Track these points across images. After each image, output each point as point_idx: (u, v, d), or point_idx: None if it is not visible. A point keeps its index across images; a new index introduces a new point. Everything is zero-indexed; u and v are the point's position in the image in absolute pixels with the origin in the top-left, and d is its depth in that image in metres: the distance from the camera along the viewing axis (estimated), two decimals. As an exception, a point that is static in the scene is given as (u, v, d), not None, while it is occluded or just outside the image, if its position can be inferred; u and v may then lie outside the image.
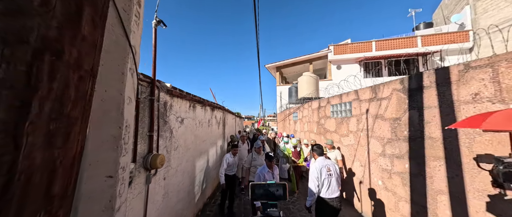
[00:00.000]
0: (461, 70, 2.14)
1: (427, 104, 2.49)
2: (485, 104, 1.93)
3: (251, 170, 3.53)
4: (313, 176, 2.45)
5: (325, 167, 2.48)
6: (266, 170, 2.75)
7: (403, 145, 2.82)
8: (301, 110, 7.86)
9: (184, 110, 2.91)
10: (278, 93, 14.89)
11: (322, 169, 2.46)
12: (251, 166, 3.53)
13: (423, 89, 2.54)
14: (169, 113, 2.41)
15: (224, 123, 6.12)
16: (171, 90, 2.40)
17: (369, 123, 3.53)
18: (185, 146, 2.91)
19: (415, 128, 2.63)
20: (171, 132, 2.46)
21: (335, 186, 2.46)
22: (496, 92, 1.87)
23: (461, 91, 2.13)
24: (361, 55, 12.60)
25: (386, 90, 3.17)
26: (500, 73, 1.84)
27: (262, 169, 2.80)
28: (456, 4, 12.68)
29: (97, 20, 0.40)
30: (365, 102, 3.68)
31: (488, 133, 1.91)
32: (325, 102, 5.34)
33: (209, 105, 4.23)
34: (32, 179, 0.30)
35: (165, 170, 2.27)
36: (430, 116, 2.44)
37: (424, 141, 2.50)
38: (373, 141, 3.42)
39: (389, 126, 3.06)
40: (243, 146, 5.03)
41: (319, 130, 5.72)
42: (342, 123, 4.46)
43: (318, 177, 2.42)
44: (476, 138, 2.00)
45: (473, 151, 2.02)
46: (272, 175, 2.75)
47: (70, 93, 0.32)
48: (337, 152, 4.08)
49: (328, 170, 2.47)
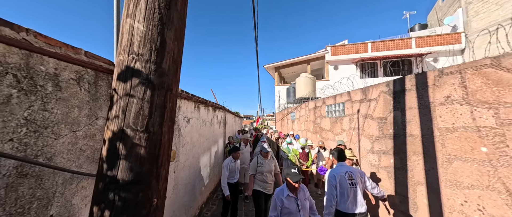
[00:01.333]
0: (436, 76, 2.43)
1: (408, 105, 2.78)
2: (455, 106, 2.23)
3: (257, 177, 3.01)
4: (330, 184, 2.03)
5: (345, 175, 2.06)
6: (285, 194, 1.92)
7: (388, 142, 3.11)
8: (298, 110, 8.15)
9: (190, 110, 3.17)
10: (276, 93, 15.16)
11: (342, 177, 2.04)
12: (257, 172, 3.01)
13: (406, 92, 2.83)
14: (177, 113, 2.67)
15: (225, 122, 6.39)
16: (179, 93, 2.66)
17: (360, 122, 3.83)
18: (191, 143, 3.18)
19: (399, 126, 2.92)
20: (180, 131, 2.73)
21: (360, 198, 2.02)
22: (463, 95, 2.16)
23: (436, 94, 2.43)
24: (357, 56, 12.92)
25: (374, 92, 3.46)
26: (467, 79, 2.14)
27: (280, 192, 1.95)
28: (449, 6, 13.04)
29: (179, 72, 0.67)
30: (356, 103, 3.98)
31: (457, 131, 2.21)
32: (321, 103, 5.63)
33: (211, 106, 4.49)
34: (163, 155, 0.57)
35: (175, 164, 2.54)
36: (411, 116, 2.73)
37: (406, 138, 2.80)
38: (363, 139, 3.72)
39: (377, 125, 3.36)
40: (245, 148, 4.69)
41: (315, 129, 6.01)
42: (336, 122, 4.75)
43: (335, 185, 2.01)
44: (448, 135, 2.30)
45: (445, 146, 2.32)
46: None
47: (173, 107, 0.58)
48: (349, 154, 3.71)
49: (350, 178, 2.03)
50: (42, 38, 0.99)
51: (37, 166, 0.93)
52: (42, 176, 0.97)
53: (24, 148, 0.90)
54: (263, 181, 2.98)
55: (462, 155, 2.16)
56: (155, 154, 0.48)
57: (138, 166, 0.45)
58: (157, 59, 0.47)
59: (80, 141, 1.17)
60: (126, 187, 0.44)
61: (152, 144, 0.48)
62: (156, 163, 0.48)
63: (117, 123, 0.47)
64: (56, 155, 1.04)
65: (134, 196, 0.44)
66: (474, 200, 2.06)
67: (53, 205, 1.02)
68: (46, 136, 0.99)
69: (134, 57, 0.48)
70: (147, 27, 0.48)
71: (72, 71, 1.13)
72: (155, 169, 0.49)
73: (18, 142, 0.87)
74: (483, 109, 2.00)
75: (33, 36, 0.95)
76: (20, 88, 0.89)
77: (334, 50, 13.47)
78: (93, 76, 1.27)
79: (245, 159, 4.37)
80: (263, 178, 2.98)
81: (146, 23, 0.47)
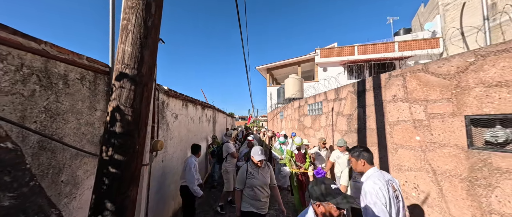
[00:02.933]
0: (387, 78, 2.88)
1: (368, 103, 3.22)
2: (399, 103, 2.68)
3: (247, 192, 2.19)
4: (379, 203, 1.36)
5: (388, 185, 1.45)
6: None
7: (354, 135, 3.55)
8: (286, 109, 8.58)
9: (178, 107, 3.50)
10: (268, 94, 15.58)
11: (386, 189, 1.41)
12: (246, 186, 2.18)
13: (366, 92, 3.28)
14: (166, 109, 3.01)
15: (215, 121, 6.71)
16: (168, 92, 2.99)
17: (334, 119, 4.26)
18: (179, 137, 3.51)
19: (361, 121, 3.36)
20: (168, 125, 3.06)
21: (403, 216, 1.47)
22: (404, 94, 2.61)
23: (386, 93, 2.87)
24: (344, 58, 13.53)
25: (344, 92, 3.90)
26: (406, 81, 2.59)
27: None
28: (429, 13, 13.88)
29: (153, 74, 1.02)
30: (331, 102, 4.41)
31: (400, 124, 2.65)
32: (304, 102, 6.06)
33: (200, 104, 4.82)
34: (136, 156, 0.92)
35: (163, 154, 2.87)
36: (370, 112, 3.17)
37: (366, 131, 3.24)
38: (336, 133, 4.15)
39: (346, 121, 3.80)
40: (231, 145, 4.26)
41: (299, 127, 6.44)
42: (316, 120, 5.19)
43: (386, 203, 1.36)
44: (394, 127, 2.74)
45: (393, 137, 2.76)
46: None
47: (149, 95, 0.94)
48: None
49: (393, 189, 1.48)
50: (55, 47, 1.32)
51: (53, 141, 1.26)
52: (56, 151, 1.30)
53: (44, 129, 1.23)
54: (255, 198, 2.15)
55: (403, 143, 2.61)
56: (137, 120, 0.83)
57: (127, 125, 0.80)
58: (138, 67, 0.82)
59: (82, 127, 1.51)
60: (121, 136, 0.79)
61: (135, 114, 0.82)
62: (138, 125, 0.83)
63: (115, 102, 0.81)
64: (65, 136, 1.37)
65: (125, 142, 0.78)
66: (411, 180, 2.50)
67: (63, 173, 1.35)
68: (58, 121, 1.32)
69: (125, 66, 0.83)
70: (132, 49, 0.83)
71: (77, 72, 1.46)
72: (137, 129, 0.83)
73: (40, 124, 1.21)
74: (417, 105, 2.44)
75: (49, 47, 1.28)
76: (41, 85, 1.22)
77: (323, 53, 14.03)
78: (93, 76, 1.60)
79: None
80: (255, 194, 2.15)
81: (132, 47, 0.82)
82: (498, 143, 1.78)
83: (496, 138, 1.78)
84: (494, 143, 1.80)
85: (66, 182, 1.37)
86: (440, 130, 2.19)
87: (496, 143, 1.79)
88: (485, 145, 1.88)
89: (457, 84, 2.06)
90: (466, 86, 1.98)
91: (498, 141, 1.77)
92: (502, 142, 1.75)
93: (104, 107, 1.69)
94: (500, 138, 1.75)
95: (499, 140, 1.77)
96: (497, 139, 1.78)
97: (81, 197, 1.48)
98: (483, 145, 1.89)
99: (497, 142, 1.78)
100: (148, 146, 2.01)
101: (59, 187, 1.32)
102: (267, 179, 2.26)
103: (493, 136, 1.80)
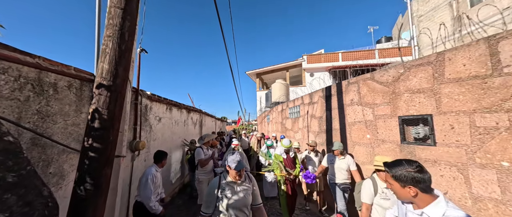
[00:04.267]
0: (346, 85, 3.30)
1: (333, 106, 3.63)
2: (355, 106, 3.09)
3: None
4: None
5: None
6: None
7: (324, 135, 3.94)
8: (271, 112, 8.96)
9: (162, 111, 3.76)
10: (258, 98, 15.97)
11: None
12: (217, 209, 1.51)
13: (332, 96, 3.69)
14: (149, 113, 3.26)
15: (201, 124, 6.95)
16: (151, 96, 3.26)
17: (308, 121, 4.66)
18: (163, 139, 3.75)
19: (329, 123, 3.76)
20: (151, 127, 3.31)
21: None
22: (359, 99, 3.03)
23: (346, 98, 3.29)
24: (329, 64, 14.23)
25: (316, 96, 4.31)
26: (360, 87, 3.01)
27: None
28: (406, 22, 15.01)
29: (129, 79, 1.32)
30: (306, 105, 4.82)
31: (356, 125, 3.05)
32: (285, 106, 6.46)
33: (185, 108, 5.08)
34: (110, 145, 1.21)
35: (146, 154, 3.11)
36: (335, 114, 3.58)
37: (332, 131, 3.64)
38: (310, 134, 4.54)
39: (318, 122, 4.19)
40: (208, 152, 3.59)
41: (282, 129, 6.80)
42: (295, 122, 5.57)
43: None
44: (352, 127, 3.14)
45: (351, 136, 3.16)
46: None
47: (122, 100, 1.22)
48: (350, 160, 2.90)
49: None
50: (47, 61, 1.59)
51: (43, 138, 1.52)
52: (45, 146, 1.55)
53: (36, 128, 1.48)
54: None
55: (358, 141, 3.01)
56: (111, 118, 1.11)
57: (103, 122, 1.08)
58: (113, 80, 1.12)
59: (69, 127, 1.76)
60: (98, 130, 1.07)
61: (110, 114, 1.11)
62: (112, 122, 1.12)
63: (95, 106, 1.10)
64: (54, 134, 1.62)
65: (101, 134, 1.06)
66: (366, 173, 2.88)
67: (51, 166, 1.59)
68: (48, 122, 1.58)
69: (103, 79, 1.12)
70: (109, 66, 1.12)
71: (65, 81, 1.73)
72: (111, 124, 1.12)
73: (33, 124, 1.46)
74: (367, 108, 2.86)
75: (42, 60, 1.55)
76: (35, 92, 1.48)
77: (309, 59, 14.68)
78: (79, 84, 1.87)
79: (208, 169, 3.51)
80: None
81: (109, 65, 1.12)
82: (420, 138, 2.20)
83: (418, 134, 2.20)
84: (417, 138, 2.22)
85: (54, 174, 1.62)
86: (383, 128, 2.60)
87: (419, 138, 2.21)
88: (414, 140, 2.30)
89: (393, 90, 2.48)
90: (399, 92, 2.41)
91: (420, 137, 2.19)
92: (422, 137, 2.17)
93: (89, 110, 1.95)
94: (421, 134, 2.17)
95: (420, 135, 2.18)
96: (418, 135, 2.19)
97: (66, 187, 1.72)
98: (412, 140, 2.31)
99: (419, 137, 2.20)
100: (125, 141, 2.25)
101: (47, 177, 1.56)
102: (247, 198, 1.55)
103: (416, 133, 2.22)
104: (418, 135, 2.20)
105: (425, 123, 2.16)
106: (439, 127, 1.99)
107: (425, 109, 2.13)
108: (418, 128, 2.21)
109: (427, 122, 2.10)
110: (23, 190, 1.05)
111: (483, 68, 1.69)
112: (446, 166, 1.93)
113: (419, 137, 2.19)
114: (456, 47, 1.90)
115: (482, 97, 1.69)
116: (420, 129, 2.18)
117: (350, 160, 2.91)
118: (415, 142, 2.24)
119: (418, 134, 2.20)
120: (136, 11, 1.26)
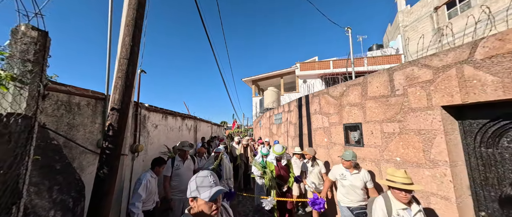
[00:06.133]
0: (311, 97, 3.95)
1: (303, 114, 4.27)
2: (317, 115, 3.73)
3: None
4: None
5: None
6: None
7: (297, 139, 4.56)
8: (262, 118, 9.59)
9: (158, 119, 4.41)
10: (253, 104, 16.64)
11: None
12: None
13: (302, 106, 4.34)
14: (147, 121, 3.91)
15: (196, 129, 7.59)
16: (148, 108, 3.92)
17: (288, 127, 5.28)
18: (159, 143, 4.38)
19: (300, 128, 4.39)
20: (148, 133, 3.95)
21: None
22: (319, 109, 3.67)
23: (311, 108, 3.93)
24: (321, 71, 14.95)
25: (292, 105, 4.96)
26: (320, 99, 3.66)
27: None
28: (394, 32, 15.80)
29: (129, 106, 1.97)
30: (286, 113, 5.46)
31: (318, 130, 3.68)
32: (272, 113, 7.10)
33: (179, 116, 5.73)
34: (119, 146, 1.85)
35: (144, 155, 3.74)
36: (304, 121, 4.21)
37: (303, 136, 4.26)
38: (289, 139, 5.16)
39: (293, 128, 4.82)
40: (183, 164, 3.10)
41: (270, 134, 7.42)
42: (279, 128, 6.20)
43: None
44: (316, 132, 3.77)
45: (315, 140, 3.78)
46: None
47: (126, 117, 1.87)
48: (366, 175, 2.32)
49: None
50: (74, 88, 2.26)
51: (70, 142, 2.17)
52: (72, 148, 2.19)
53: (67, 135, 2.13)
54: None
55: (320, 144, 3.63)
56: (119, 129, 1.76)
57: (114, 132, 1.73)
58: (121, 105, 1.76)
59: (87, 134, 2.41)
60: (112, 137, 1.72)
61: (119, 126, 1.75)
62: (120, 131, 1.76)
63: (109, 121, 1.75)
64: (78, 139, 2.27)
65: (113, 139, 1.70)
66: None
67: (75, 162, 2.23)
68: (74, 131, 2.23)
69: (115, 104, 1.77)
70: (119, 96, 1.78)
71: (85, 100, 2.39)
72: (120, 133, 1.77)
73: (64, 132, 2.11)
74: (325, 117, 3.50)
75: (70, 88, 2.22)
76: (66, 110, 2.14)
77: (302, 66, 15.41)
78: (94, 102, 2.53)
79: (184, 179, 2.89)
80: None
81: (118, 95, 1.77)
82: (356, 141, 2.82)
83: (355, 138, 2.83)
84: (355, 141, 2.85)
85: (76, 167, 2.26)
86: (334, 133, 3.23)
87: (356, 141, 2.83)
88: (354, 143, 2.92)
89: (340, 103, 3.13)
90: (343, 105, 3.05)
91: (356, 140, 2.82)
92: (357, 140, 2.80)
93: (101, 121, 2.60)
94: (356, 138, 2.80)
95: (356, 139, 2.81)
96: (355, 138, 2.82)
97: (85, 178, 2.35)
98: (353, 143, 2.93)
99: (355, 140, 2.83)
100: (127, 144, 2.89)
101: (72, 170, 2.20)
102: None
103: (353, 137, 2.85)
104: (355, 139, 2.83)
105: (358, 129, 2.79)
106: (365, 132, 2.62)
107: (358, 118, 2.76)
108: (354, 133, 2.84)
109: (359, 128, 2.73)
110: (65, 174, 1.70)
111: (386, 90, 2.34)
112: (370, 161, 2.55)
113: (355, 140, 2.82)
114: (374, 73, 2.55)
115: (386, 111, 2.33)
116: (356, 133, 2.81)
117: (367, 175, 2.29)
118: (354, 144, 2.86)
119: (355, 138, 2.83)
120: (136, 59, 1.93)
